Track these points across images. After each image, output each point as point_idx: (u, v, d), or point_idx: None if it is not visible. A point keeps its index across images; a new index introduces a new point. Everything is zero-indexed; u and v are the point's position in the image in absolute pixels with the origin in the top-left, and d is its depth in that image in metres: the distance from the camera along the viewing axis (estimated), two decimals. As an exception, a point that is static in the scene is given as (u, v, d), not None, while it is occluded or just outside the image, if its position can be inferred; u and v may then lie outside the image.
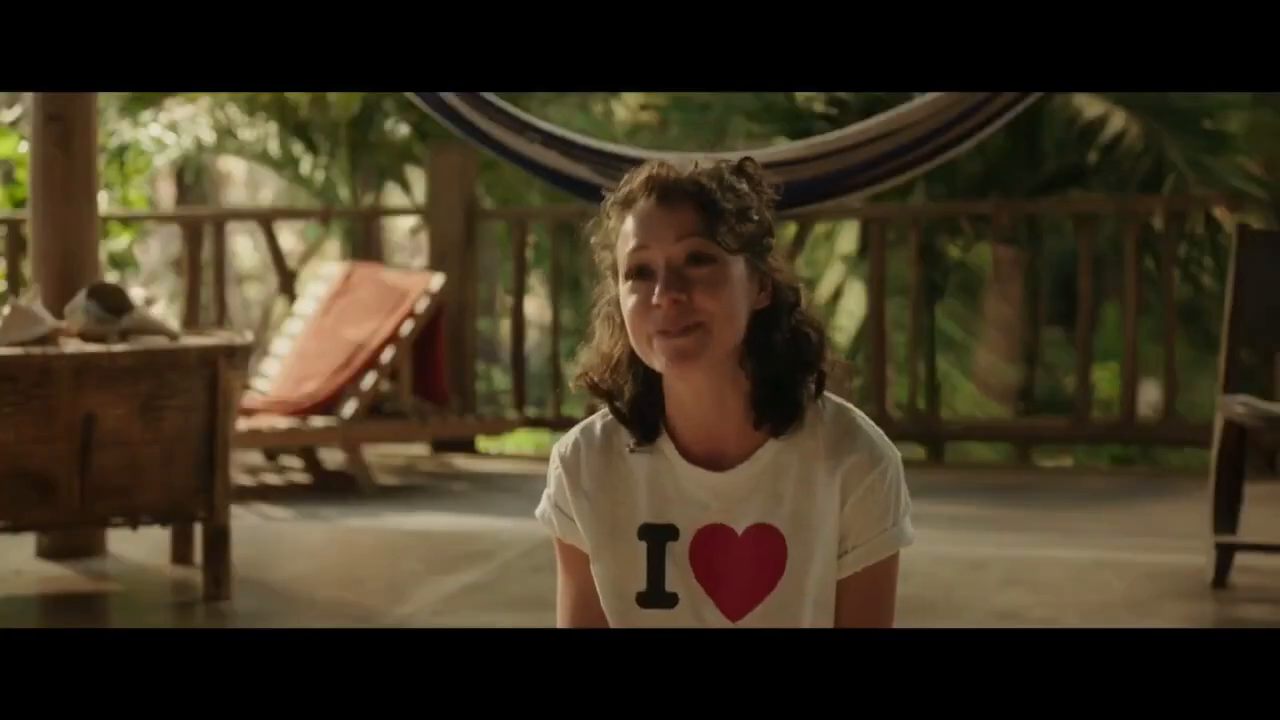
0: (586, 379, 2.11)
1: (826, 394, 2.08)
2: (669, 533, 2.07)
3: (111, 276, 7.46)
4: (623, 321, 2.05)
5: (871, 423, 2.08)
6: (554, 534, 2.15)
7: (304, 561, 5.18)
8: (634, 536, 2.08)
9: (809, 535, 2.03)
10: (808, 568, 2.03)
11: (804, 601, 2.03)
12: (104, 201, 7.51)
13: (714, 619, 2.04)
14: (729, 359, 2.03)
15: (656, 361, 2.02)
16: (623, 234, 2.05)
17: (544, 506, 2.16)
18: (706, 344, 2.00)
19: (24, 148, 7.15)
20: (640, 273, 2.02)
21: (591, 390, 2.11)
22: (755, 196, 2.08)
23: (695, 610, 2.04)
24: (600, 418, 2.13)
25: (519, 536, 5.20)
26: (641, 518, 2.08)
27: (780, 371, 2.05)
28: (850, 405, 2.09)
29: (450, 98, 5.25)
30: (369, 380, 6.42)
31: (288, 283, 7.86)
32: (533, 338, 10.80)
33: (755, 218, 2.06)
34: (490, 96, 5.29)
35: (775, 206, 2.12)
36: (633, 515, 2.08)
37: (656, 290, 2.00)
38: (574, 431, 2.14)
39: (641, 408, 2.08)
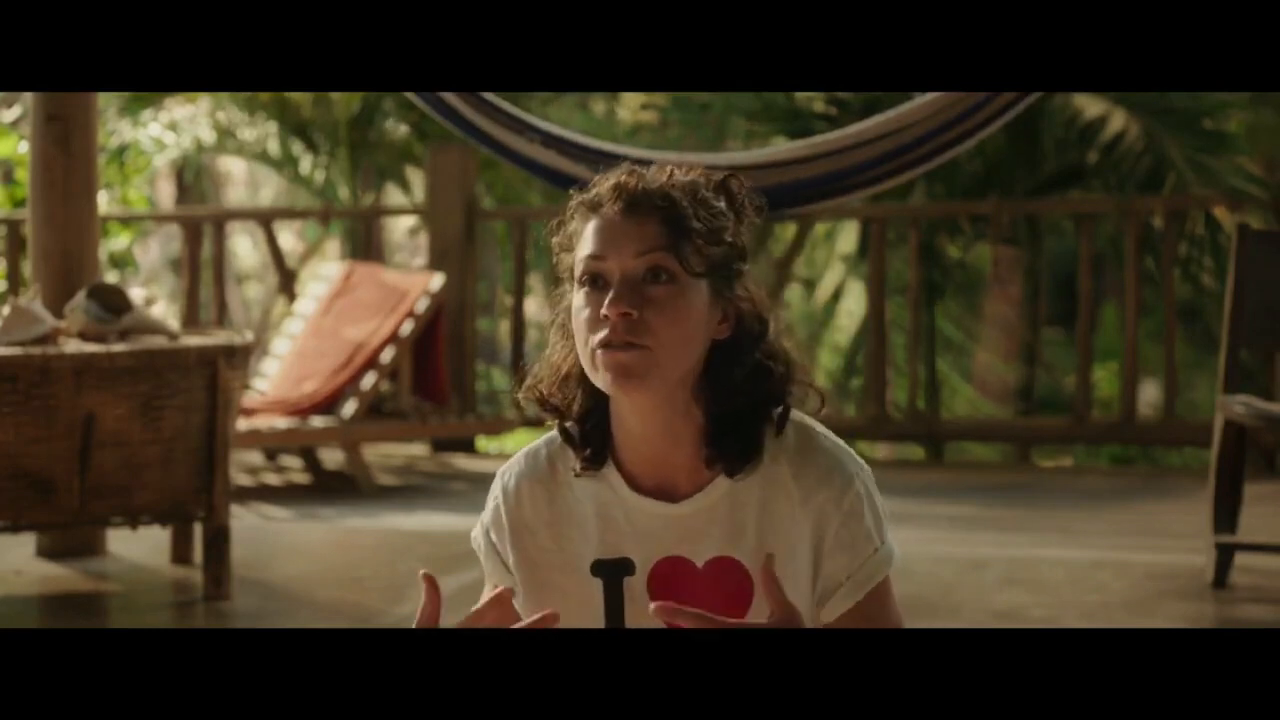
0: (535, 392, 2.00)
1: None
2: (625, 567, 1.96)
3: (111, 276, 7.46)
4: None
5: (835, 440, 1.97)
6: (482, 564, 2.06)
7: (304, 561, 5.18)
8: (586, 573, 1.97)
9: (779, 566, 1.91)
10: None
11: None
12: (104, 201, 7.51)
13: None
14: (681, 389, 1.91)
15: (600, 378, 1.90)
16: (583, 238, 1.93)
17: (476, 533, 2.06)
18: (651, 368, 1.87)
19: (24, 148, 7.15)
20: (594, 282, 1.91)
21: (540, 405, 2.00)
22: (732, 218, 1.95)
23: None
24: (545, 445, 2.02)
25: (519, 536, 5.19)
26: (593, 553, 1.97)
27: (738, 409, 1.92)
28: (811, 422, 1.97)
29: (450, 98, 5.25)
30: (369, 380, 6.42)
31: (288, 282, 7.87)
32: (533, 338, 10.79)
33: (728, 239, 1.93)
34: (490, 96, 5.29)
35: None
36: (582, 551, 1.97)
37: (607, 301, 1.88)
38: (517, 457, 2.04)
39: (589, 427, 1.97)
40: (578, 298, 1.92)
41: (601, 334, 1.88)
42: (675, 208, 1.90)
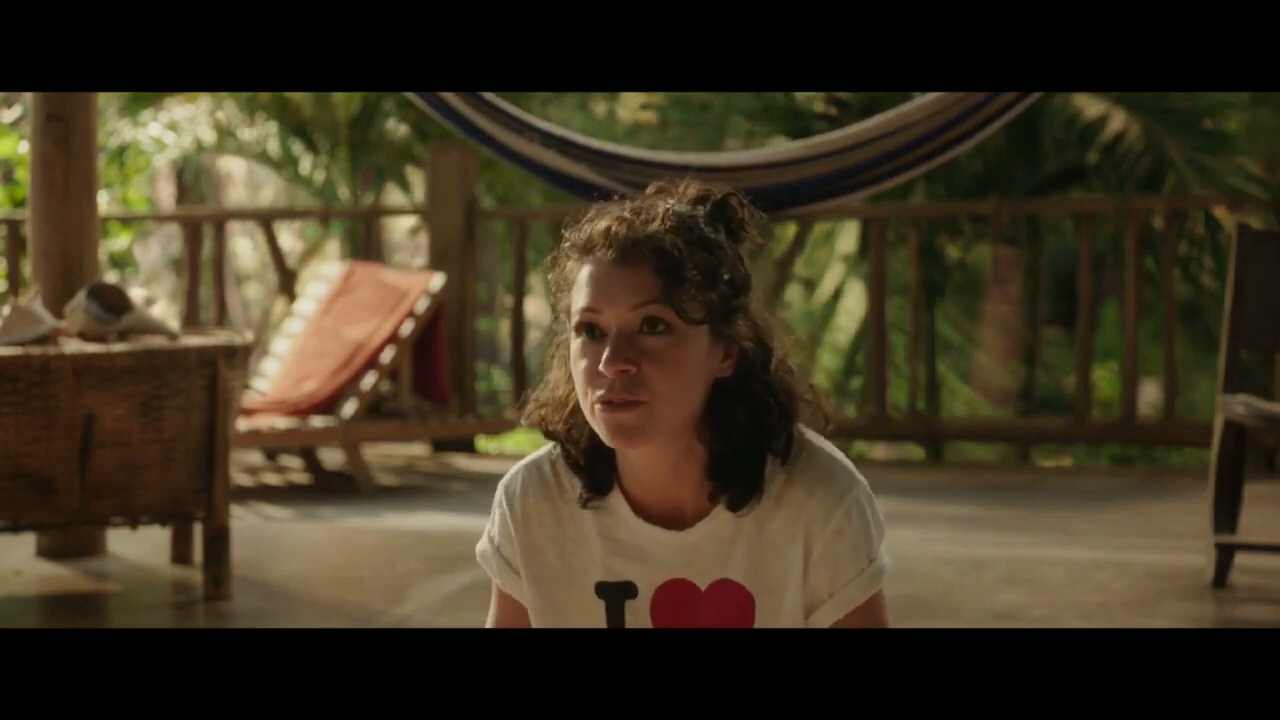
0: (539, 421, 1.99)
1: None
2: (627, 590, 1.96)
3: (111, 276, 7.46)
4: None
5: (831, 454, 1.95)
6: (493, 578, 2.06)
7: (304, 561, 5.18)
8: (590, 592, 1.98)
9: (777, 586, 1.94)
10: (778, 622, 1.94)
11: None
12: (104, 201, 7.51)
13: None
14: (684, 430, 1.90)
15: (601, 432, 1.89)
16: (577, 284, 1.90)
17: (485, 546, 2.05)
18: (649, 423, 1.86)
19: (24, 148, 7.16)
20: (591, 332, 1.88)
21: (545, 435, 1.99)
22: (731, 248, 1.92)
23: None
24: (549, 458, 2.01)
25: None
26: (596, 574, 1.97)
27: (740, 445, 1.91)
28: (812, 437, 1.96)
29: (450, 98, 5.26)
30: (369, 380, 6.42)
31: (288, 282, 7.86)
32: (533, 338, 10.79)
33: (727, 276, 1.89)
34: (490, 96, 5.30)
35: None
36: (587, 569, 1.97)
37: (604, 356, 1.85)
38: (520, 471, 2.02)
39: (595, 459, 1.95)
40: (575, 345, 1.90)
41: (600, 391, 1.86)
42: (669, 255, 1.85)
